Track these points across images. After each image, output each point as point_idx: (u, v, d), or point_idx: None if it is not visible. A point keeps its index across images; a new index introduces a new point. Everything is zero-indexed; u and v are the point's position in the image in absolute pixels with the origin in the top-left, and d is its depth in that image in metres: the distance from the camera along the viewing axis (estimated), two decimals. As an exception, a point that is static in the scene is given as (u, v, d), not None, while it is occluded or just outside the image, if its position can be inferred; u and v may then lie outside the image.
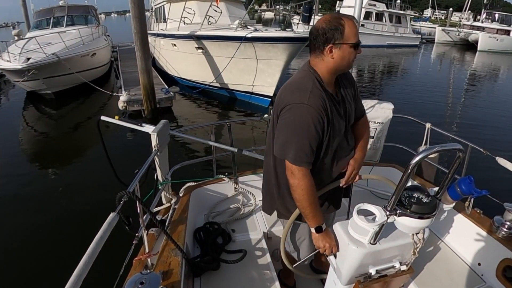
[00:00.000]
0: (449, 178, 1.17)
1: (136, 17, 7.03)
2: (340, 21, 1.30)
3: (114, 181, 2.17)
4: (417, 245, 1.25)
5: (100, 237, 1.13)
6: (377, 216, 1.18)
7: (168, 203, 2.37)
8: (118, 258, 1.51)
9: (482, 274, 2.03)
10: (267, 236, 2.41)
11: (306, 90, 1.35)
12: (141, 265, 1.64)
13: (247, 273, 2.01)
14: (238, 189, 2.75)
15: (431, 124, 2.95)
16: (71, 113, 9.31)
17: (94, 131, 6.79)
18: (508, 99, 12.37)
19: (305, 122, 1.32)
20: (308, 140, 1.33)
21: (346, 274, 1.30)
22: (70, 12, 13.03)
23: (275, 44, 7.82)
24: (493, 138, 7.66)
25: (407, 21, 28.65)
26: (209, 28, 8.93)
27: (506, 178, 2.86)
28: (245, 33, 7.84)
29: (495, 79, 17.14)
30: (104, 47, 12.11)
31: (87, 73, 10.30)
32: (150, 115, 7.91)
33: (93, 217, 2.00)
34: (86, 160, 6.19)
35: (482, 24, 30.92)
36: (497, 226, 2.01)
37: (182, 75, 11.09)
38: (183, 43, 9.74)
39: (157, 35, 11.74)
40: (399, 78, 15.62)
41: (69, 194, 4.88)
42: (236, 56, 8.26)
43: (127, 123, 2.31)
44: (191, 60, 9.97)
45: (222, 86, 9.82)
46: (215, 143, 2.73)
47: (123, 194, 1.31)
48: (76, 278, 0.95)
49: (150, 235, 1.87)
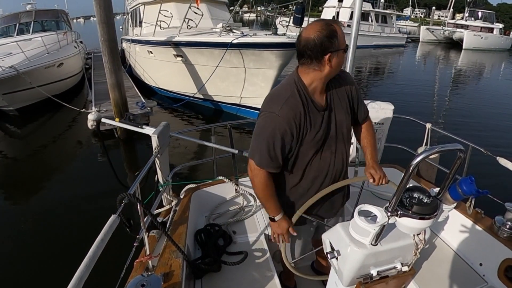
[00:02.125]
0: (450, 179, 1.17)
1: (103, 23, 5.94)
2: (333, 28, 1.29)
3: (115, 184, 2.17)
4: (419, 245, 1.25)
5: (101, 239, 1.13)
6: (378, 217, 1.18)
7: (169, 205, 2.37)
8: (119, 260, 1.51)
9: (484, 274, 2.03)
10: (268, 237, 2.41)
11: (281, 99, 1.38)
12: (142, 267, 1.64)
13: (248, 275, 2.01)
14: (238, 191, 2.75)
15: (431, 125, 2.95)
16: (38, 131, 8.15)
17: (65, 150, 6.85)
18: (502, 96, 12.55)
19: (271, 130, 1.37)
20: (273, 147, 1.39)
21: (348, 275, 1.30)
22: (38, 18, 11.75)
23: (266, 51, 6.72)
24: (493, 136, 7.71)
25: (393, 21, 28.30)
26: (189, 33, 7.73)
27: (507, 178, 2.86)
28: (231, 38, 6.71)
29: (486, 77, 17.46)
30: (74, 56, 10.67)
31: (53, 86, 9.15)
32: (123, 135, 6.73)
33: (94, 220, 2.00)
34: (60, 180, 5.60)
35: (466, 22, 31.19)
36: (499, 226, 2.00)
37: (161, 86, 9.89)
38: (160, 50, 8.54)
39: (132, 41, 10.55)
40: (390, 79, 15.56)
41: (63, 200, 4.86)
42: (221, 65, 7.14)
43: (128, 125, 2.33)
44: (170, 69, 8.80)
45: (206, 97, 8.61)
46: (215, 145, 2.73)
47: (123, 196, 1.31)
48: (77, 280, 0.95)
49: (151, 237, 1.87)
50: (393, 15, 28.69)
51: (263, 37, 6.83)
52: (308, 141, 1.44)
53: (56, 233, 4.02)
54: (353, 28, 2.60)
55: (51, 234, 4.00)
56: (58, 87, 9.59)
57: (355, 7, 2.62)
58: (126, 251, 1.55)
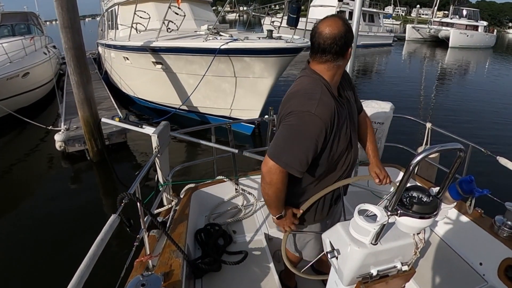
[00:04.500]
0: (450, 178, 1.17)
1: (66, 27, 4.89)
2: (348, 22, 1.33)
3: (114, 184, 2.17)
4: (418, 245, 1.25)
5: (101, 239, 1.13)
6: (378, 216, 1.18)
7: (169, 205, 2.37)
8: (119, 260, 1.51)
9: (484, 274, 2.03)
10: (268, 237, 2.41)
11: (315, 99, 1.31)
12: (142, 266, 1.64)
13: (248, 274, 2.01)
14: (238, 190, 2.75)
15: (431, 124, 2.95)
16: (3, 150, 7.00)
17: (29, 175, 5.60)
18: (490, 92, 12.70)
19: (307, 132, 1.30)
20: (307, 151, 1.32)
21: (348, 275, 1.30)
22: (5, 21, 10.59)
23: (261, 58, 5.79)
24: (491, 134, 7.76)
25: (380, 20, 28.00)
26: (169, 37, 6.65)
27: (507, 177, 2.86)
28: (219, 43, 5.69)
29: (474, 74, 17.70)
30: (43, 63, 9.37)
31: (18, 99, 8.08)
32: (96, 158, 5.77)
33: (94, 219, 2.00)
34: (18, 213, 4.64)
35: (452, 20, 31.08)
36: (499, 225, 2.01)
37: (139, 95, 8.72)
38: (137, 57, 7.40)
39: (106, 46, 9.44)
40: (380, 78, 15.44)
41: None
42: (208, 73, 6.13)
43: (128, 125, 2.33)
44: (149, 78, 7.68)
45: (191, 109, 7.47)
46: (215, 144, 2.73)
47: (124, 196, 1.31)
48: (78, 280, 0.95)
49: (151, 237, 1.87)
50: (380, 14, 28.33)
51: (257, 41, 5.84)
52: (342, 137, 1.41)
53: (56, 234, 4.02)
54: (353, 28, 2.60)
55: (50, 235, 4.00)
56: (25, 99, 8.52)
57: (355, 7, 2.63)
58: (126, 250, 1.55)
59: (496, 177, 4.03)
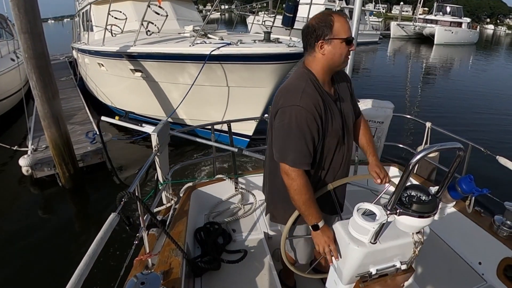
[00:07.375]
0: (449, 177, 1.17)
1: (25, 33, 4.00)
2: (329, 17, 1.34)
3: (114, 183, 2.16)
4: (418, 244, 1.26)
5: (101, 237, 1.13)
6: (377, 215, 1.18)
7: (169, 203, 2.37)
8: (118, 258, 1.52)
9: (483, 273, 2.04)
10: (267, 236, 2.41)
11: (298, 91, 1.36)
12: (142, 265, 1.64)
13: (247, 273, 2.01)
14: (238, 189, 2.75)
15: (431, 123, 2.95)
16: None
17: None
18: (476, 86, 12.93)
19: (298, 124, 1.33)
20: (304, 141, 1.35)
21: (347, 274, 1.30)
22: None
23: (258, 65, 4.87)
24: (490, 132, 7.74)
25: (366, 18, 27.68)
26: (149, 40, 5.70)
27: (506, 177, 2.86)
28: (209, 48, 4.75)
29: (462, 69, 18.14)
30: (10, 71, 8.07)
31: None
32: (69, 184, 4.81)
33: (94, 218, 2.00)
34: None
35: (436, 17, 31.21)
36: (498, 225, 2.01)
37: (117, 105, 7.64)
38: (112, 64, 6.44)
39: (79, 50, 8.41)
40: (369, 77, 15.25)
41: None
42: (196, 83, 5.08)
43: (127, 124, 2.33)
44: (127, 86, 6.70)
45: (176, 121, 6.40)
46: (215, 143, 2.73)
47: (123, 194, 1.31)
48: (77, 278, 0.95)
49: (150, 235, 1.87)
50: (366, 11, 28.00)
51: (254, 46, 4.87)
52: (331, 131, 1.42)
53: (56, 232, 4.02)
54: (353, 28, 2.60)
55: (50, 232, 4.00)
56: None
57: (355, 7, 2.63)
58: (126, 249, 1.55)
59: (496, 176, 4.03)
